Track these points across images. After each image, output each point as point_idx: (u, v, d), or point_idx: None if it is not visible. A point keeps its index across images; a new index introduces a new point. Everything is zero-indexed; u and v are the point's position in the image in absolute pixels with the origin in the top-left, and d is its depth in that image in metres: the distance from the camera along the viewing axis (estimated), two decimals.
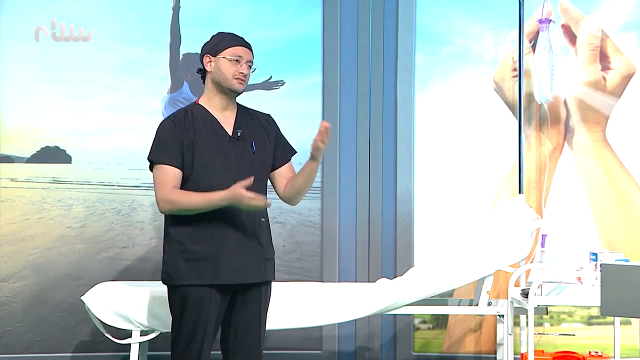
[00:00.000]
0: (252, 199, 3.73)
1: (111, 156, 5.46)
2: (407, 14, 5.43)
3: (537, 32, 5.28)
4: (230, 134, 3.89)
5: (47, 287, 5.36)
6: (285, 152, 4.03)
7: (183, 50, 5.46)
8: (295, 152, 4.09)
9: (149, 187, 5.39)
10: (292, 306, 4.63)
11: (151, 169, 3.90)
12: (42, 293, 5.36)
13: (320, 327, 5.04)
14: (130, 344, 4.59)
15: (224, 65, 3.87)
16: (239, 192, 3.73)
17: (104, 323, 4.59)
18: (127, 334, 4.60)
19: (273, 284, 4.06)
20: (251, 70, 3.92)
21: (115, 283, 4.76)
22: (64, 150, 5.45)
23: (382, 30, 5.46)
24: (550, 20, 5.23)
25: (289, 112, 5.44)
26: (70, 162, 5.45)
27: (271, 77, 5.46)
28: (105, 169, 5.46)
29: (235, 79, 3.86)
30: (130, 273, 5.34)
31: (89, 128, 5.45)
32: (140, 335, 4.58)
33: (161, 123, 3.92)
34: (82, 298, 4.64)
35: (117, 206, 5.43)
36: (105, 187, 5.45)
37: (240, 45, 3.90)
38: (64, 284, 5.35)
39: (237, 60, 3.87)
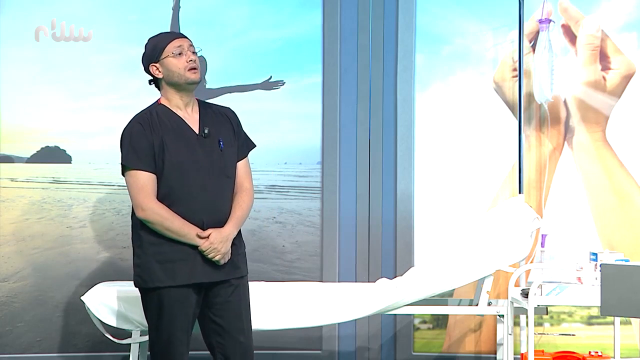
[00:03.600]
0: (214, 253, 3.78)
1: (111, 156, 5.44)
2: (407, 14, 5.43)
3: (537, 32, 5.28)
4: (197, 132, 3.88)
5: (47, 287, 5.36)
6: (242, 149, 3.99)
7: None
8: (254, 146, 4.05)
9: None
10: (292, 306, 4.62)
11: (123, 173, 3.87)
12: (42, 293, 5.36)
13: (320, 327, 5.04)
14: (130, 344, 4.59)
15: (171, 63, 3.86)
16: (206, 246, 3.78)
17: (103, 323, 4.59)
18: (127, 334, 4.60)
19: (274, 283, 4.07)
20: (197, 54, 3.90)
21: (115, 283, 4.76)
22: (64, 150, 5.45)
23: (382, 30, 5.46)
24: (550, 20, 5.23)
25: (289, 112, 5.44)
26: (70, 162, 5.45)
27: (271, 77, 5.46)
28: (105, 169, 5.46)
29: (189, 70, 3.85)
30: (130, 273, 5.29)
31: (89, 128, 5.45)
32: (140, 335, 4.58)
33: (128, 126, 3.88)
34: (82, 298, 4.63)
35: (117, 206, 5.43)
36: (105, 187, 5.45)
37: (175, 38, 3.90)
38: (64, 284, 5.35)
39: (180, 53, 3.86)
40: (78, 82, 5.43)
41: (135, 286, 3.92)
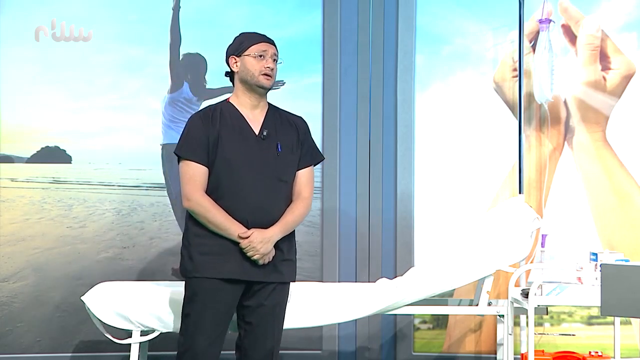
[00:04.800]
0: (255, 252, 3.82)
1: (111, 156, 5.46)
2: (407, 14, 5.43)
3: (537, 32, 5.28)
4: (257, 133, 3.91)
5: (47, 287, 5.36)
6: (306, 158, 4.03)
7: (183, 50, 5.46)
8: (322, 158, 4.12)
9: (149, 187, 5.39)
10: (292, 306, 4.61)
11: (178, 161, 3.94)
12: (42, 293, 5.36)
13: (321, 327, 5.04)
14: (130, 344, 4.58)
15: (249, 62, 3.92)
16: (245, 244, 3.81)
17: (104, 323, 4.58)
18: (127, 334, 4.59)
19: None
20: (277, 64, 3.96)
21: (116, 283, 4.75)
22: (64, 150, 5.45)
23: (382, 30, 5.46)
24: (550, 20, 5.23)
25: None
26: (70, 162, 5.45)
27: None
28: (105, 169, 5.46)
29: (262, 74, 3.91)
30: (130, 273, 5.34)
31: (89, 128, 5.45)
32: (141, 335, 4.57)
33: (190, 117, 3.98)
34: (82, 298, 4.63)
35: (117, 206, 5.43)
36: (105, 187, 5.45)
37: (263, 42, 3.95)
38: (64, 284, 5.35)
39: (261, 56, 3.92)
40: (78, 82, 5.43)
41: (181, 275, 3.97)
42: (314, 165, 4.08)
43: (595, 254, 4.55)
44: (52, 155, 5.44)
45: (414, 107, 5.44)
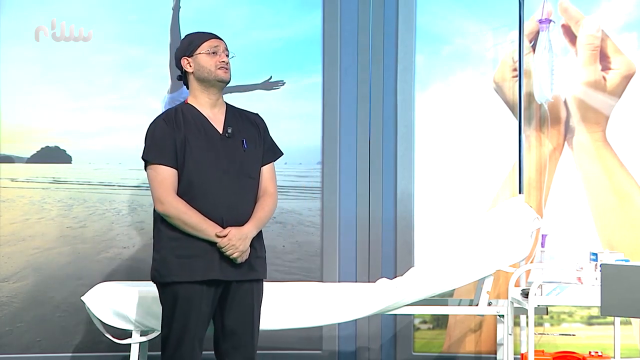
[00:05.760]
0: (233, 250, 3.80)
1: (111, 156, 5.46)
2: (407, 14, 5.43)
3: (537, 32, 5.28)
4: (221, 132, 3.91)
5: (47, 287, 5.36)
6: (268, 154, 4.03)
7: None
8: (281, 154, 4.10)
9: (149, 187, 5.38)
10: (292, 306, 4.63)
11: (145, 168, 3.92)
12: (42, 293, 5.36)
13: (321, 327, 5.04)
14: (130, 344, 4.59)
15: (203, 59, 3.91)
16: (224, 242, 3.80)
17: (104, 323, 4.59)
18: (127, 334, 4.60)
19: (274, 283, 4.08)
20: (230, 58, 3.95)
21: (115, 283, 4.76)
22: (64, 150, 5.45)
23: (382, 30, 5.46)
24: (550, 21, 5.23)
25: (289, 112, 5.44)
26: (71, 162, 5.45)
27: (271, 77, 5.46)
28: (105, 169, 5.46)
29: (219, 68, 3.90)
30: (130, 273, 5.33)
31: (89, 128, 5.45)
32: (140, 336, 4.58)
33: (153, 122, 3.95)
34: (82, 298, 4.63)
35: (117, 206, 5.43)
36: (106, 187, 5.45)
37: (213, 38, 3.96)
38: (64, 284, 5.35)
39: (214, 52, 3.92)
40: (78, 82, 5.43)
41: (152, 281, 3.93)
42: (274, 161, 4.07)
43: (595, 254, 4.55)
44: (52, 155, 5.44)
45: (414, 107, 5.44)
